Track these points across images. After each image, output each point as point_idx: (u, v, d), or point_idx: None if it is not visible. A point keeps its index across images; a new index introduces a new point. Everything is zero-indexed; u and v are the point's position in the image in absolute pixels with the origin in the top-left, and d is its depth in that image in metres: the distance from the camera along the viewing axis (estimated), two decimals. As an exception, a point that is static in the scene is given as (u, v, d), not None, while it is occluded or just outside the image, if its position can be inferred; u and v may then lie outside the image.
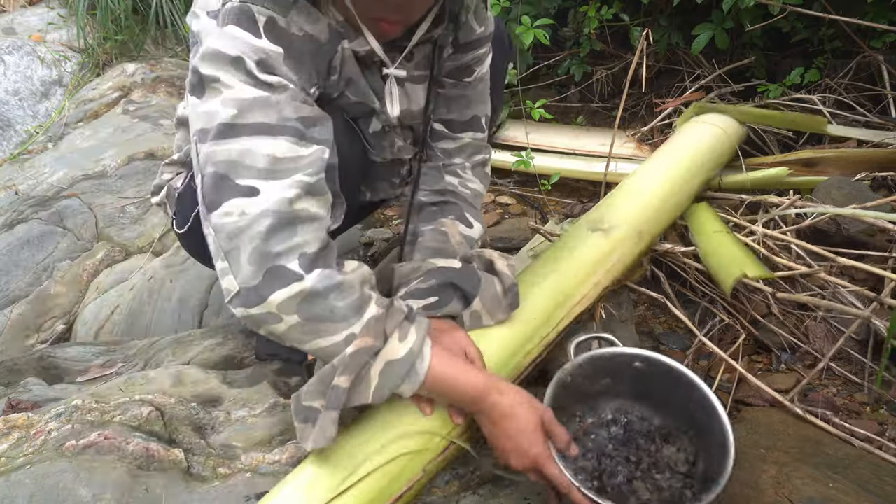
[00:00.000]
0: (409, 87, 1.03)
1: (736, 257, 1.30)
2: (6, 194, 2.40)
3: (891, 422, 1.13)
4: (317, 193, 0.78)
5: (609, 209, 1.35)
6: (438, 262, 1.02)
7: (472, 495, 1.01)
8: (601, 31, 2.34)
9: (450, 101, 1.09)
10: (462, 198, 1.12)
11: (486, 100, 1.13)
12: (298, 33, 0.79)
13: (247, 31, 0.75)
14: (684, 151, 1.58)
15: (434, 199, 1.13)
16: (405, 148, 1.12)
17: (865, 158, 1.64)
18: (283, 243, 0.73)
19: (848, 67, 1.98)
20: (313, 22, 0.82)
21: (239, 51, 0.75)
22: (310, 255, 0.75)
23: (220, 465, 1.01)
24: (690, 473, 0.97)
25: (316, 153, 0.77)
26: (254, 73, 0.75)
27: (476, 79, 1.09)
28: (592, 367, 1.03)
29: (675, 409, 1.03)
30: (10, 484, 0.87)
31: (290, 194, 0.74)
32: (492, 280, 1.03)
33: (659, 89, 2.40)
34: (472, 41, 1.05)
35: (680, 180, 1.48)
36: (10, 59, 3.05)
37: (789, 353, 1.33)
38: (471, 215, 1.11)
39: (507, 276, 1.03)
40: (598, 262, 1.22)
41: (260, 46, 0.75)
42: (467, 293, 1.00)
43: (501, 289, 1.03)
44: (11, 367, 1.37)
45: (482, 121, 1.13)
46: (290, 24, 0.78)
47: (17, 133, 2.93)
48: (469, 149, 1.13)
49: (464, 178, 1.14)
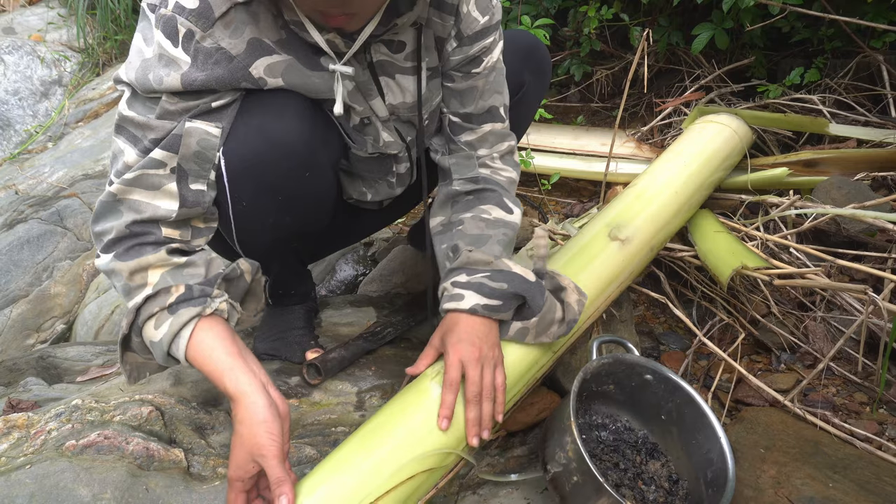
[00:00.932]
0: (401, 79, 1.02)
1: (735, 251, 1.30)
2: (6, 194, 2.40)
3: (891, 422, 1.13)
4: (146, 186, 0.89)
5: (627, 215, 1.32)
6: (514, 266, 1.00)
7: (471, 495, 1.01)
8: (601, 30, 2.34)
9: (462, 94, 1.08)
10: (499, 184, 1.11)
11: (502, 89, 1.11)
12: (208, 46, 0.86)
13: (168, 40, 0.85)
14: (700, 158, 1.54)
15: (469, 187, 1.11)
16: (393, 143, 1.11)
17: (866, 158, 1.64)
18: (98, 226, 0.91)
19: (848, 67, 1.98)
20: (235, 37, 0.87)
21: (148, 56, 0.86)
22: (108, 240, 0.90)
23: (220, 464, 1.01)
24: (673, 491, 0.98)
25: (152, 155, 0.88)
26: (143, 87, 0.86)
27: (487, 69, 1.07)
28: (607, 370, 1.04)
29: (672, 430, 1.04)
30: (10, 484, 0.87)
31: (115, 189, 0.88)
32: (555, 306, 1.01)
33: (659, 89, 2.40)
34: (477, 32, 1.03)
35: (694, 191, 1.46)
36: (9, 58, 3.04)
37: (789, 353, 1.33)
38: (510, 201, 1.10)
39: (572, 309, 1.02)
40: (614, 276, 1.22)
41: (173, 55, 0.85)
42: (529, 308, 0.99)
43: (560, 318, 1.01)
44: (11, 366, 1.37)
45: (500, 111, 1.11)
46: (205, 38, 0.85)
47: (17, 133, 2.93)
48: (491, 138, 1.12)
49: (495, 167, 1.12)
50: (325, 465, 0.88)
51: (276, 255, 1.20)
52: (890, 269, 1.31)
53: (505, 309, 0.98)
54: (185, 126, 0.88)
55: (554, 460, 0.92)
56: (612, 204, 1.38)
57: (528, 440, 1.15)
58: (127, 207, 0.89)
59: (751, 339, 1.39)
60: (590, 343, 1.08)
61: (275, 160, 0.94)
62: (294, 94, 0.95)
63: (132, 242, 0.89)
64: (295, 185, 0.98)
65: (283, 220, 1.03)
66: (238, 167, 0.93)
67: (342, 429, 1.12)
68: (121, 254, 0.89)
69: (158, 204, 0.89)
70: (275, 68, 0.91)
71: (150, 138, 0.88)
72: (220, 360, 0.86)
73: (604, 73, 2.48)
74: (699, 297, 1.49)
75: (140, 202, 0.89)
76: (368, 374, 1.24)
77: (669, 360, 1.38)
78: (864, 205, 1.38)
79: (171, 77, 0.85)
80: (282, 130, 0.93)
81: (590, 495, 0.86)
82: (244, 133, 0.92)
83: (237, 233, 1.02)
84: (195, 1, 0.84)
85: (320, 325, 1.41)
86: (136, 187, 0.88)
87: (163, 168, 0.88)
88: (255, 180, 0.95)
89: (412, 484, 0.86)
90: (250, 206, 0.98)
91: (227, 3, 0.85)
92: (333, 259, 1.89)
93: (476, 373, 0.93)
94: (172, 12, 0.84)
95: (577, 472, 0.88)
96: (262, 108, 0.93)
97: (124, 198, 0.89)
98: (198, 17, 0.84)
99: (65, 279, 2.03)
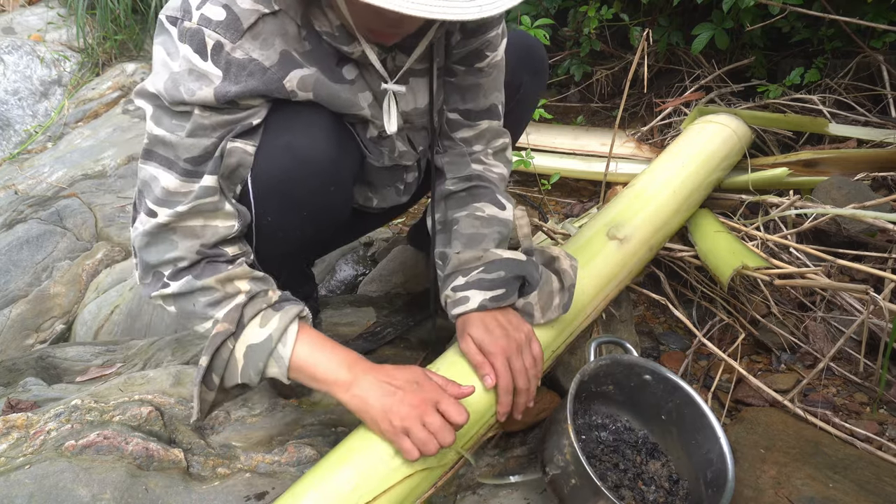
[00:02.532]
0: (414, 82, 1.01)
1: (735, 251, 1.30)
2: (6, 194, 2.40)
3: (891, 422, 1.13)
4: (203, 212, 0.88)
5: (626, 214, 1.32)
6: (504, 253, 1.02)
7: (471, 495, 1.01)
8: (601, 30, 2.34)
9: (464, 90, 1.08)
10: (491, 181, 1.12)
11: (500, 87, 1.12)
12: (240, 57, 0.83)
13: (196, 54, 0.82)
14: (698, 158, 1.54)
15: (462, 185, 1.11)
16: (406, 154, 1.11)
17: (866, 158, 1.64)
18: (156, 256, 0.89)
19: (848, 67, 1.98)
20: (266, 48, 0.85)
21: (176, 69, 0.83)
22: (179, 267, 0.88)
23: (219, 464, 1.01)
24: (673, 491, 0.98)
25: (203, 184, 0.86)
26: (167, 106, 0.84)
27: (490, 65, 1.06)
28: (605, 371, 1.04)
29: (671, 431, 1.04)
30: (9, 484, 0.87)
31: (165, 220, 0.86)
32: (551, 277, 1.03)
33: (659, 89, 2.40)
34: (481, 24, 1.02)
35: (692, 191, 1.46)
36: (9, 58, 3.04)
37: (789, 354, 1.33)
38: (502, 198, 1.11)
39: (568, 274, 1.04)
40: (613, 275, 1.22)
41: (203, 69, 0.82)
42: (528, 286, 1.02)
43: (559, 286, 1.03)
44: (11, 366, 1.37)
45: (499, 108, 1.12)
46: (236, 49, 0.83)
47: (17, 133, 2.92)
48: (488, 135, 1.12)
49: (488, 164, 1.12)
50: (325, 461, 0.88)
51: (289, 262, 1.21)
52: (890, 269, 1.31)
53: (509, 295, 1.00)
54: (227, 146, 0.86)
55: (552, 462, 0.92)
56: (611, 204, 1.38)
57: (528, 440, 1.14)
58: (182, 235, 0.88)
59: (751, 340, 1.39)
60: (587, 344, 1.07)
61: (302, 178, 0.93)
62: (319, 109, 0.94)
63: (208, 265, 0.89)
64: (320, 200, 0.98)
65: (305, 232, 1.03)
66: (266, 185, 0.92)
67: (342, 429, 1.12)
68: (199, 274, 0.88)
69: (217, 225, 0.89)
70: (306, 81, 0.89)
71: (184, 158, 0.85)
72: (338, 349, 0.90)
73: (604, 73, 2.48)
74: (699, 297, 1.49)
75: (196, 227, 0.88)
76: (368, 374, 1.23)
77: (669, 361, 1.38)
78: (865, 205, 1.38)
79: (204, 91, 0.82)
80: (310, 148, 0.92)
81: (588, 498, 0.86)
82: (273, 151, 0.91)
83: (257, 244, 1.02)
84: (222, 12, 0.81)
85: (320, 325, 1.41)
86: (191, 216, 0.87)
87: (214, 194, 0.88)
88: (281, 197, 0.94)
89: (410, 483, 0.85)
90: (275, 221, 0.97)
91: (255, 14, 0.83)
92: (333, 259, 1.89)
93: (502, 363, 0.94)
94: (199, 25, 0.81)
95: (575, 475, 0.87)
96: (289, 124, 0.92)
97: (178, 226, 0.87)
98: (226, 29, 0.81)
99: (64, 279, 2.03)
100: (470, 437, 0.95)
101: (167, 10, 0.84)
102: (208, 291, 0.89)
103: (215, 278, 0.88)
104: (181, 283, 0.88)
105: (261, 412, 1.13)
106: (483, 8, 0.69)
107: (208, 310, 0.89)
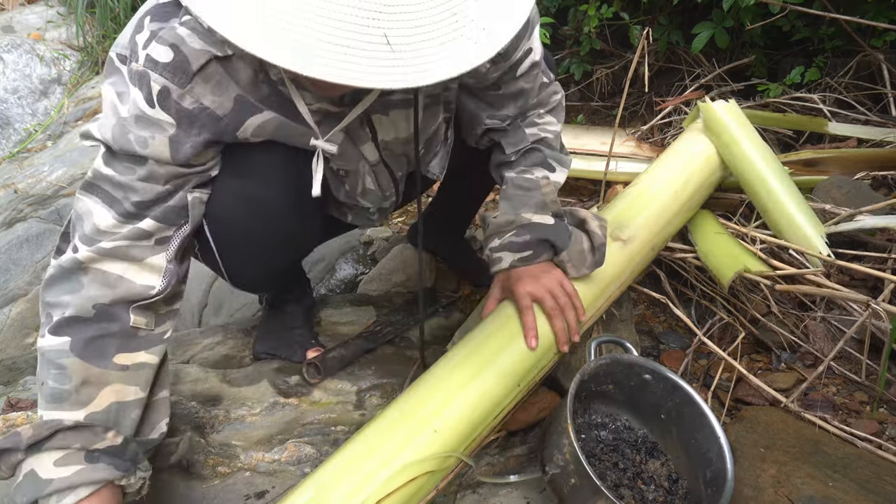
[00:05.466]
0: (395, 114, 0.96)
1: (735, 254, 1.30)
2: (5, 193, 2.40)
3: (891, 421, 1.13)
4: (126, 257, 0.80)
5: (629, 214, 1.31)
6: (533, 217, 1.06)
7: (471, 495, 1.01)
8: (601, 29, 2.34)
9: (515, 96, 1.05)
10: (545, 143, 1.11)
11: (542, 69, 1.07)
12: (190, 106, 0.78)
13: (144, 99, 0.76)
14: (701, 157, 1.52)
15: (517, 156, 1.11)
16: (370, 194, 1.08)
17: (866, 158, 1.64)
18: (53, 295, 0.78)
19: (848, 66, 1.97)
20: (219, 94, 0.79)
21: (125, 115, 0.77)
22: (64, 318, 0.77)
23: (219, 463, 1.01)
24: (673, 490, 0.98)
25: (139, 225, 0.79)
26: (123, 148, 0.77)
27: (532, 65, 1.02)
28: (605, 370, 1.04)
29: (671, 430, 1.04)
30: (9, 483, 0.87)
31: (83, 257, 0.78)
32: (581, 236, 1.09)
33: (659, 88, 2.40)
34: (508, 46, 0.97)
35: (694, 191, 1.45)
36: (9, 57, 3.04)
37: (789, 353, 1.32)
38: (552, 159, 1.11)
39: (597, 235, 1.09)
40: (616, 276, 1.21)
41: (153, 117, 0.76)
42: (557, 247, 1.08)
43: (589, 246, 1.09)
44: (11, 365, 1.37)
45: (545, 78, 1.08)
46: (185, 96, 0.77)
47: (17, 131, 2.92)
48: (543, 97, 1.10)
49: (541, 123, 1.11)
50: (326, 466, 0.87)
51: (269, 282, 1.21)
52: (890, 270, 1.31)
53: (536, 256, 1.06)
54: (189, 199, 0.82)
55: (552, 462, 0.92)
56: (613, 203, 1.38)
57: (529, 440, 1.14)
58: (92, 279, 0.78)
59: (751, 339, 1.39)
60: (587, 344, 1.07)
61: (260, 222, 0.91)
62: (272, 146, 0.90)
63: (95, 332, 0.77)
64: (282, 238, 0.97)
65: (274, 263, 1.04)
66: (222, 233, 0.90)
67: (342, 428, 1.12)
68: (79, 346, 0.76)
69: (134, 279, 0.80)
70: (265, 127, 0.86)
71: (132, 200, 0.78)
72: None
73: (604, 72, 2.48)
74: (699, 295, 1.49)
75: (111, 276, 0.79)
76: (368, 373, 1.23)
77: (669, 360, 1.38)
78: (862, 210, 1.38)
79: (158, 140, 0.77)
80: (262, 194, 0.90)
81: (587, 497, 0.86)
82: (224, 198, 0.88)
83: (228, 275, 1.01)
84: (169, 53, 0.75)
85: (320, 324, 1.41)
86: (112, 258, 0.78)
87: (148, 239, 0.80)
88: (241, 242, 0.93)
89: (413, 486, 0.85)
90: (239, 260, 0.97)
91: (206, 55, 0.76)
92: (333, 258, 1.89)
93: (548, 296, 1.03)
94: (144, 67, 0.75)
95: (575, 475, 0.87)
96: (240, 169, 0.88)
97: (92, 267, 0.78)
98: (173, 73, 0.75)
99: (64, 278, 2.03)
100: (473, 439, 0.95)
101: (117, 46, 0.79)
102: (63, 377, 0.75)
103: (85, 371, 0.76)
104: (55, 343, 0.76)
105: (260, 411, 1.13)
106: (408, 77, 0.57)
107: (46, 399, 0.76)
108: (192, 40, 0.75)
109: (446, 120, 1.12)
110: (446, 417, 0.91)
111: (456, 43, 0.59)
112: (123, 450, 0.77)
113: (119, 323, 0.79)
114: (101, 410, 0.77)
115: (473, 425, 0.94)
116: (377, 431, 0.90)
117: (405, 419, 0.91)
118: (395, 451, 0.86)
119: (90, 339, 0.77)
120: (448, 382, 0.96)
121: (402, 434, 0.89)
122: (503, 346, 1.01)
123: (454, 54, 0.59)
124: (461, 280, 1.67)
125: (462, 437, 0.92)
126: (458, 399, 0.93)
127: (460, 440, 0.92)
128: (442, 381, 0.96)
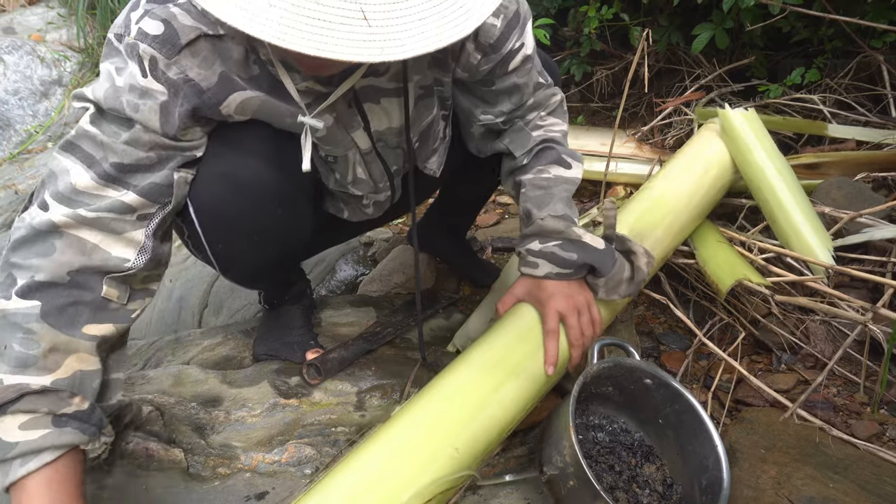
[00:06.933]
0: (386, 103, 0.97)
1: (734, 264, 1.29)
2: (6, 194, 2.40)
3: (891, 422, 1.13)
4: (105, 229, 0.79)
5: (646, 224, 1.28)
6: (584, 235, 1.04)
7: (472, 495, 1.01)
8: (601, 30, 2.34)
9: (510, 91, 1.05)
10: (556, 141, 1.11)
11: (539, 67, 1.07)
12: (174, 76, 0.79)
13: (139, 72, 0.78)
14: (716, 166, 1.48)
15: (528, 158, 1.10)
16: (362, 183, 1.07)
17: (867, 160, 1.64)
18: (22, 256, 0.76)
19: (848, 67, 1.98)
20: (205, 68, 0.80)
21: (120, 84, 0.78)
22: (34, 281, 0.75)
23: (219, 464, 1.02)
24: (667, 495, 0.98)
25: (124, 199, 0.79)
26: (112, 108, 0.78)
27: (524, 59, 1.01)
28: (607, 373, 1.04)
29: (668, 434, 1.04)
30: (9, 484, 0.87)
31: (58, 220, 0.76)
32: (624, 265, 1.07)
33: (659, 89, 2.40)
34: (498, 38, 0.96)
35: (707, 202, 1.44)
36: (9, 58, 3.04)
37: (789, 354, 1.32)
38: (567, 156, 1.10)
39: (641, 271, 1.07)
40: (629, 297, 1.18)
41: (144, 86, 0.78)
42: (598, 272, 1.05)
43: (629, 276, 1.07)
44: None
45: (541, 79, 1.08)
46: (171, 66, 0.78)
47: (17, 133, 2.93)
48: (540, 98, 1.10)
49: (546, 125, 1.11)
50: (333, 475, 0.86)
51: (262, 275, 1.20)
52: (890, 274, 1.31)
53: (574, 276, 1.04)
54: (175, 178, 0.82)
55: (551, 463, 0.92)
56: (628, 208, 1.33)
57: (528, 440, 1.14)
58: (67, 245, 0.77)
59: (751, 339, 1.39)
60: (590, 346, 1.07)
61: (245, 206, 0.91)
62: (258, 129, 0.90)
63: (67, 300, 0.76)
64: (269, 223, 0.96)
65: (265, 253, 1.02)
66: (208, 215, 0.90)
67: (342, 429, 1.12)
68: (51, 313, 0.75)
69: (109, 250, 0.79)
70: (247, 105, 0.86)
71: (111, 161, 0.78)
72: None
73: (604, 72, 2.48)
74: (699, 296, 1.49)
75: (88, 243, 0.78)
76: (368, 374, 1.23)
77: (669, 360, 1.38)
78: (862, 212, 1.38)
79: (149, 107, 0.78)
80: (248, 176, 0.89)
81: (586, 501, 0.86)
82: (210, 182, 0.88)
83: (218, 264, 1.01)
84: (160, 26, 0.77)
85: (320, 325, 1.41)
86: (90, 227, 0.78)
87: (131, 214, 0.80)
88: (227, 227, 0.92)
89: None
90: (227, 248, 0.96)
91: (195, 32, 0.78)
92: (333, 259, 1.89)
93: (575, 319, 1.01)
94: (135, 39, 0.77)
95: (574, 477, 0.87)
96: (225, 150, 0.89)
97: (67, 232, 0.77)
98: (162, 44, 0.77)
99: (64, 279, 2.03)
100: (486, 455, 0.94)
101: (114, 27, 0.81)
102: (30, 342, 0.74)
103: (53, 339, 0.75)
104: (22, 307, 0.74)
105: (261, 412, 1.13)
106: (385, 52, 0.58)
107: (6, 367, 0.73)
108: (183, 18, 0.78)
109: (444, 117, 1.12)
110: (466, 438, 0.90)
111: (433, 19, 0.61)
112: (90, 415, 0.77)
113: (92, 292, 0.79)
114: (66, 377, 0.76)
115: (490, 443, 0.93)
116: (399, 448, 0.87)
117: (428, 437, 0.89)
118: (418, 471, 0.85)
119: (62, 306, 0.76)
120: (468, 398, 0.94)
121: (424, 454, 0.87)
122: (524, 363, 0.98)
123: (431, 30, 0.61)
124: (461, 281, 1.67)
125: (479, 454, 0.92)
126: (479, 418, 0.92)
127: (477, 457, 0.92)
128: (461, 394, 0.94)
